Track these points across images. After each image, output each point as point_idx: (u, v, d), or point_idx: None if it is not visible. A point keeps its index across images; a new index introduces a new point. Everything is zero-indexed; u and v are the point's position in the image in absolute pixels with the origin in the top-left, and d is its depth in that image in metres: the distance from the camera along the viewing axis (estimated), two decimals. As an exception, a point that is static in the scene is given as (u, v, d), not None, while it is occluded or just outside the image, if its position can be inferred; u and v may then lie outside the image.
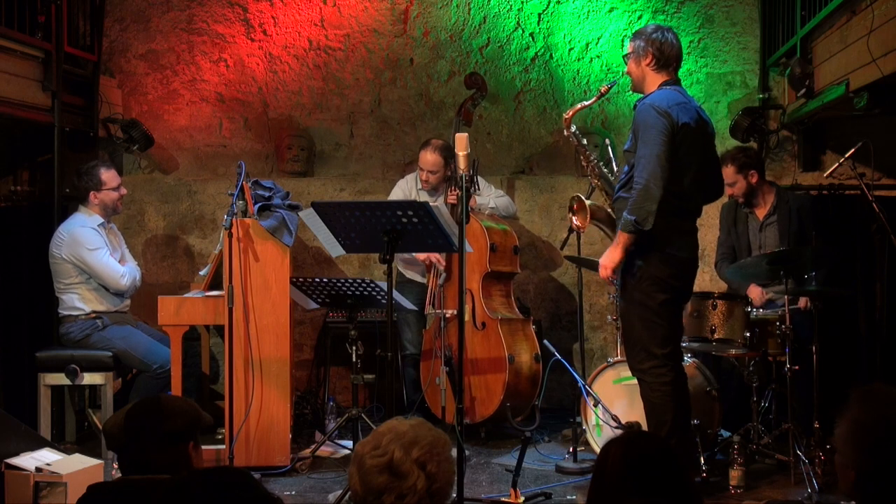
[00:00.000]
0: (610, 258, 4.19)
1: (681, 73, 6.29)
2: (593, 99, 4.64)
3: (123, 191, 5.51)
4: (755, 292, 5.23)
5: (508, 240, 5.61)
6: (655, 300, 4.19)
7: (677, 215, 4.21)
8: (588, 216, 4.74)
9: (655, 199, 4.05)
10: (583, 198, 4.82)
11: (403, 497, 1.98)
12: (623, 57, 4.46)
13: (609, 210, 4.73)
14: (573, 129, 4.71)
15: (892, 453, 1.95)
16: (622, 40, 6.40)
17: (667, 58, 4.30)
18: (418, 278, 5.78)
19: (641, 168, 4.09)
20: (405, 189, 5.87)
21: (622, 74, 4.46)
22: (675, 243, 4.21)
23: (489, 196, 5.80)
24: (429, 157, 5.67)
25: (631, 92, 4.70)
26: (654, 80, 4.31)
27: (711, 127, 4.43)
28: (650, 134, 4.11)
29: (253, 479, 2.01)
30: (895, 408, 2.01)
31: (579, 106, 4.64)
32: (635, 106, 4.36)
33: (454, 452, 3.02)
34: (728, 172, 5.29)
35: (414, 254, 5.67)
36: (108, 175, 5.40)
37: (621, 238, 4.14)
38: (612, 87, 4.52)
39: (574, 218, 4.87)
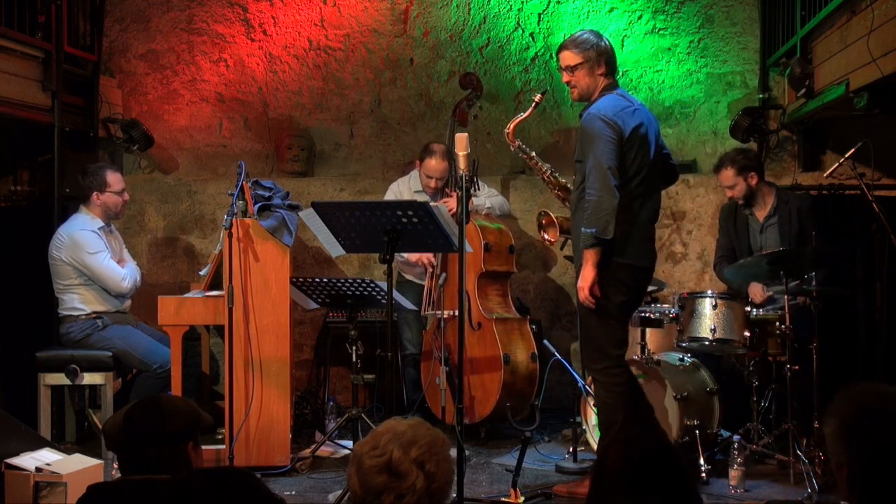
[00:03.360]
0: (584, 279, 4.19)
1: (681, 72, 6.41)
2: (529, 110, 4.54)
3: (126, 196, 5.48)
4: (756, 289, 5.23)
5: (504, 239, 5.59)
6: (615, 302, 4.25)
7: (635, 224, 4.27)
8: (558, 230, 4.76)
9: (611, 209, 4.11)
10: (549, 212, 4.82)
11: (402, 497, 1.98)
12: (566, 68, 4.36)
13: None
14: (518, 142, 4.65)
15: (880, 443, 1.95)
16: (622, 40, 6.41)
17: (615, 63, 4.39)
18: (417, 280, 5.77)
19: (593, 179, 4.13)
20: (397, 194, 5.83)
21: (621, 73, 4.48)
22: (636, 252, 4.28)
23: (484, 196, 5.79)
24: (436, 165, 5.60)
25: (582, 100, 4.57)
26: (601, 87, 4.35)
27: (656, 122, 4.44)
28: (598, 144, 4.15)
29: (256, 480, 2.01)
30: (876, 398, 2.01)
31: (519, 119, 4.57)
32: (581, 115, 4.39)
33: (453, 452, 3.02)
34: (728, 175, 5.29)
35: (406, 256, 5.67)
36: (113, 178, 5.38)
37: (588, 255, 4.17)
38: (544, 94, 4.54)
39: (545, 234, 4.88)
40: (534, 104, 4.48)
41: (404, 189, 5.83)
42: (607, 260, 4.19)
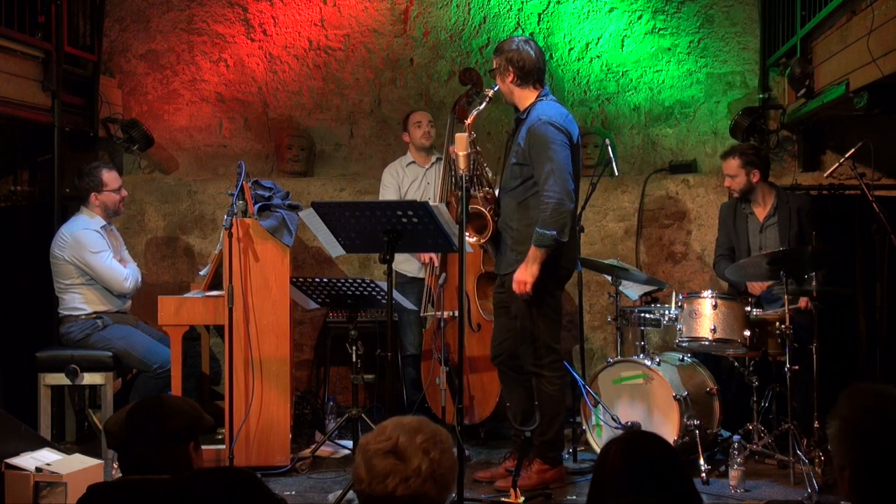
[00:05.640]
0: (530, 273, 4.30)
1: (681, 72, 6.40)
2: (484, 104, 4.51)
3: (124, 192, 5.48)
4: (754, 284, 5.26)
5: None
6: (555, 298, 4.49)
7: (574, 228, 4.47)
8: (490, 228, 4.56)
9: (571, 212, 4.30)
10: (486, 212, 4.56)
11: (408, 479, 2.00)
12: (489, 73, 4.60)
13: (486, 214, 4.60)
14: (474, 135, 4.61)
15: (882, 445, 1.95)
16: (622, 40, 6.41)
17: (527, 73, 4.44)
18: (413, 273, 5.75)
19: (552, 182, 4.26)
20: (395, 175, 5.87)
21: (621, 74, 4.44)
22: (571, 255, 4.52)
23: None
24: (421, 115, 5.88)
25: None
26: (524, 95, 4.47)
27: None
28: (554, 148, 4.27)
29: (258, 480, 2.02)
30: (880, 400, 2.01)
31: (475, 112, 4.51)
32: (517, 119, 4.48)
33: (455, 452, 3.02)
34: (732, 164, 5.32)
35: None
36: (109, 176, 5.37)
37: (538, 253, 4.30)
38: (495, 89, 4.55)
39: (476, 236, 4.63)
40: (487, 99, 4.51)
41: (398, 168, 5.89)
42: (554, 260, 4.35)
